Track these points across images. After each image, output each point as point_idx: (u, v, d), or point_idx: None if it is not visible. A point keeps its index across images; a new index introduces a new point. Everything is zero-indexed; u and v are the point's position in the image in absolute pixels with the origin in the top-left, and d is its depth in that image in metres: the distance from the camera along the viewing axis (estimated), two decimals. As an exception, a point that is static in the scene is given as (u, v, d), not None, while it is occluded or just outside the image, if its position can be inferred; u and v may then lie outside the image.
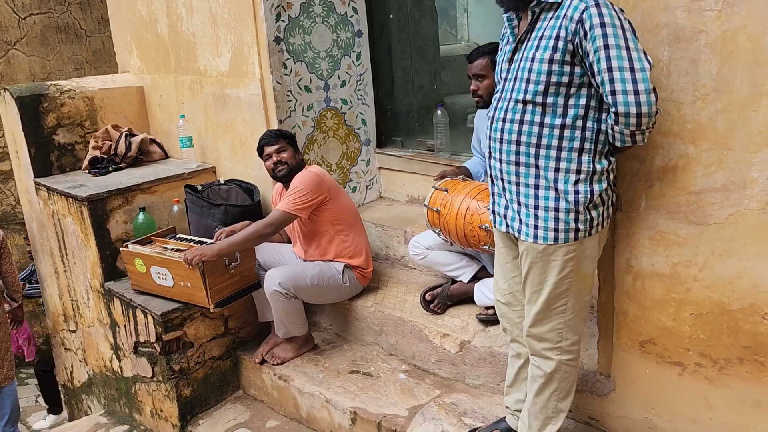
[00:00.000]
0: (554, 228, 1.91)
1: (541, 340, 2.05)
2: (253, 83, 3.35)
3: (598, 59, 1.74)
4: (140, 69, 4.17)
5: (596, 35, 1.73)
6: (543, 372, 2.08)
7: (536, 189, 1.91)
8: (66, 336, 4.17)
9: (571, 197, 1.87)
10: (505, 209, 2.02)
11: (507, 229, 2.03)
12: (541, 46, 1.82)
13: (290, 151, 3.04)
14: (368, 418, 2.67)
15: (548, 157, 1.87)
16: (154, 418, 3.36)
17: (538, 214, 1.92)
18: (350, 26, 3.60)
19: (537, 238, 1.93)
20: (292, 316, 3.04)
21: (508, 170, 1.95)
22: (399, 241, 3.45)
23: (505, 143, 1.93)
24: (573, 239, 1.91)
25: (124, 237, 3.45)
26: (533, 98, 1.85)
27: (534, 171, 1.90)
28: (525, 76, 1.86)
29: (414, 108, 3.97)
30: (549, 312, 2.00)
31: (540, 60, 1.82)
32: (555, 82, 1.82)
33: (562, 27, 1.79)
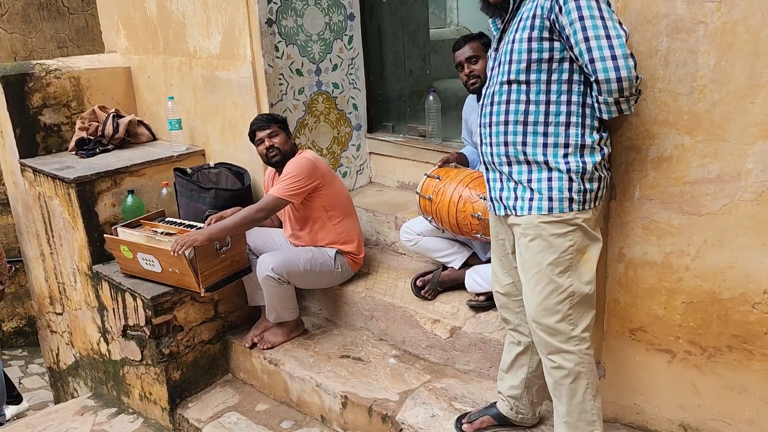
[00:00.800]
0: (548, 197, 1.90)
1: (553, 332, 1.96)
2: (244, 66, 3.31)
3: (574, 31, 1.76)
4: (127, 49, 4.10)
5: (570, 8, 1.75)
6: (567, 369, 1.97)
7: (528, 165, 1.92)
8: (52, 318, 4.13)
9: (563, 167, 1.88)
10: (500, 191, 2.02)
11: (505, 212, 2.01)
12: (520, 27, 1.86)
13: (282, 136, 3.02)
14: (359, 402, 2.69)
15: (536, 133, 1.89)
16: (142, 401, 3.36)
17: (532, 187, 1.92)
18: (342, 9, 3.56)
19: (532, 210, 1.92)
20: (284, 301, 3.04)
21: (498, 152, 1.97)
22: (390, 226, 3.45)
23: (494, 126, 1.96)
24: (567, 208, 1.89)
25: (113, 220, 3.41)
26: (516, 77, 1.88)
27: (522, 149, 1.91)
28: (507, 58, 1.89)
29: (405, 93, 3.95)
30: (554, 297, 1.93)
31: (520, 40, 1.85)
32: (536, 59, 1.84)
33: (538, 5, 1.82)
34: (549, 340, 1.97)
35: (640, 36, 1.92)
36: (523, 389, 2.28)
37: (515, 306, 2.20)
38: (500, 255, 2.19)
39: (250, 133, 3.06)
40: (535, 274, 1.95)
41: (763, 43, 1.72)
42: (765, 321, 1.89)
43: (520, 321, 2.22)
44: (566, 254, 1.91)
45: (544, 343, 1.99)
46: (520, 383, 2.28)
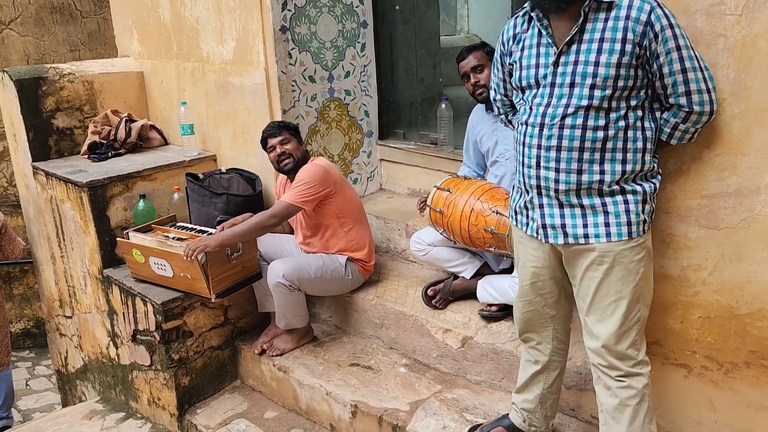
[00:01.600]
0: (627, 221, 1.84)
1: (624, 358, 1.91)
2: (258, 72, 3.31)
3: (671, 60, 1.75)
4: (141, 54, 4.12)
5: (668, 37, 1.73)
6: (635, 390, 1.91)
7: (600, 193, 1.85)
8: (61, 321, 4.13)
9: (638, 188, 1.85)
10: (562, 218, 1.90)
11: (565, 240, 1.91)
12: (605, 49, 1.76)
13: (294, 143, 3.02)
14: (369, 412, 2.67)
15: (614, 160, 1.82)
16: (151, 406, 3.35)
17: (607, 210, 1.85)
18: (356, 17, 3.57)
19: (611, 236, 1.84)
20: (294, 308, 3.03)
21: (567, 179, 1.85)
22: (400, 234, 3.44)
23: (565, 150, 1.84)
24: (643, 231, 1.86)
25: (124, 224, 3.42)
26: (600, 104, 1.78)
27: (599, 176, 1.83)
28: (588, 82, 1.78)
29: (417, 100, 3.95)
30: (628, 324, 1.88)
31: (607, 64, 1.76)
32: (622, 87, 1.78)
33: (628, 29, 1.74)
34: (620, 365, 1.92)
35: (658, 48, 1.90)
36: (537, 404, 2.26)
37: (542, 325, 2.16)
38: (531, 280, 2.11)
39: (262, 140, 3.06)
40: (613, 302, 1.88)
41: (784, 57, 1.71)
42: (783, 337, 1.87)
43: (542, 339, 2.19)
44: (640, 279, 1.88)
45: (615, 367, 1.92)
46: (535, 398, 2.26)
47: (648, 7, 1.73)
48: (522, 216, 2.04)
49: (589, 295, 1.92)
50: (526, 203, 1.99)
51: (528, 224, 2.01)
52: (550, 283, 2.08)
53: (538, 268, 2.06)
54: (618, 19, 1.75)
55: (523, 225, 2.03)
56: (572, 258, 1.95)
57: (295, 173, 3.00)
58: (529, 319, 2.17)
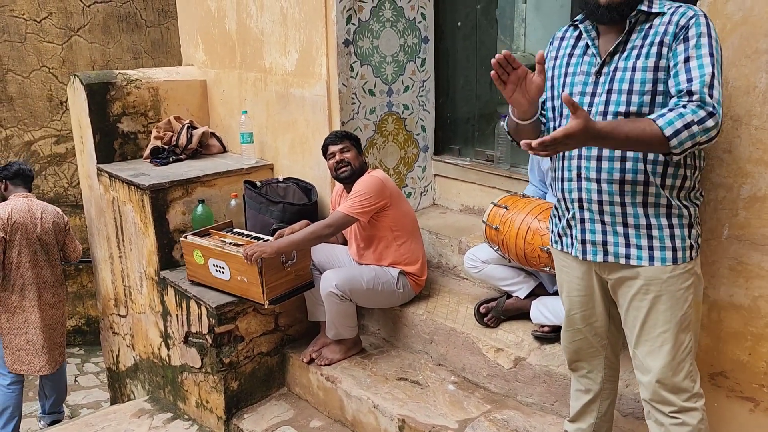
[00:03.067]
0: (672, 246, 1.78)
1: (679, 391, 1.84)
2: (319, 84, 3.36)
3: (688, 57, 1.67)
4: (204, 63, 4.23)
5: (701, 44, 1.68)
6: (690, 427, 1.84)
7: (645, 207, 1.79)
8: (115, 320, 4.24)
9: (684, 211, 1.78)
10: (603, 235, 1.85)
11: (605, 258, 1.86)
12: (643, 53, 1.75)
13: (354, 153, 3.05)
14: (417, 427, 2.65)
15: (654, 172, 1.76)
16: (198, 408, 3.40)
17: (652, 234, 1.79)
18: (417, 32, 3.59)
19: (654, 260, 1.79)
20: (344, 319, 3.04)
21: (610, 190, 1.79)
22: (453, 250, 3.42)
23: (606, 160, 1.79)
24: (690, 258, 1.79)
25: (182, 228, 3.50)
26: (638, 110, 1.74)
27: (642, 188, 1.77)
28: (626, 87, 1.76)
29: (473, 116, 3.94)
30: (680, 355, 1.82)
31: (643, 68, 1.73)
32: (661, 91, 1.73)
33: (667, 33, 1.72)
34: (673, 399, 1.84)
35: (737, 71, 1.86)
36: None
37: (592, 354, 2.10)
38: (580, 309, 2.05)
39: (324, 147, 3.10)
40: (662, 333, 1.82)
41: None
42: None
43: (592, 368, 2.13)
44: (689, 308, 1.81)
45: (668, 402, 1.85)
46: (589, 427, 2.20)
47: (691, 13, 1.71)
48: (566, 237, 1.97)
49: (637, 326, 1.86)
50: (568, 221, 1.94)
51: (572, 244, 1.95)
52: (599, 312, 2.02)
53: (586, 297, 2.01)
54: (660, 24, 1.74)
55: (568, 246, 1.97)
56: (617, 286, 1.89)
57: (351, 183, 3.03)
58: (578, 348, 2.12)
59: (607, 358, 2.11)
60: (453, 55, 3.79)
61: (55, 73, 6.57)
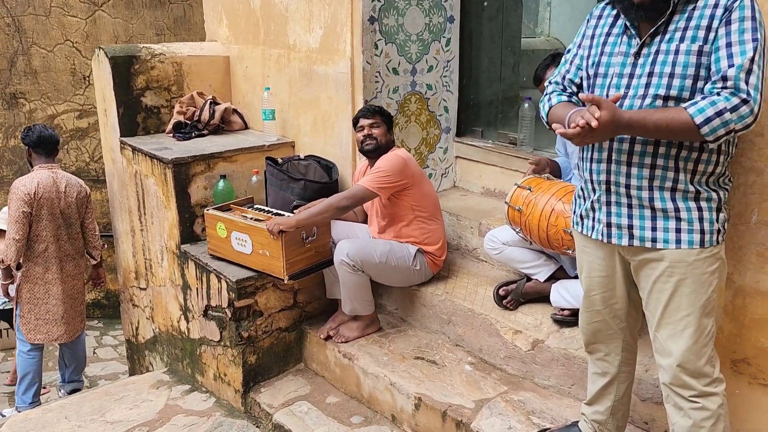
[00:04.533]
0: (700, 229, 1.76)
1: (699, 376, 1.83)
2: (343, 61, 3.35)
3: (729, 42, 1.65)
4: (228, 39, 4.22)
5: (744, 28, 1.65)
6: (711, 411, 1.83)
7: (673, 192, 1.77)
8: (135, 293, 4.29)
9: (713, 195, 1.77)
10: (629, 219, 1.84)
11: (630, 242, 1.85)
12: (687, 36, 1.71)
13: (383, 129, 3.05)
14: (433, 406, 2.67)
15: (688, 158, 1.74)
16: (216, 381, 3.44)
17: (680, 216, 1.77)
18: (443, 11, 3.56)
19: (681, 243, 1.77)
20: (358, 291, 3.04)
21: (639, 174, 1.79)
22: (473, 232, 3.41)
23: (638, 143, 1.77)
24: (716, 242, 1.78)
25: (203, 202, 3.52)
26: (679, 93, 1.72)
27: (672, 174, 1.76)
28: (668, 71, 1.73)
29: (497, 99, 3.91)
30: (701, 340, 1.81)
31: (687, 52, 1.71)
32: (703, 76, 1.70)
33: (715, 17, 1.69)
34: (694, 384, 1.83)
35: None
36: (608, 415, 2.20)
37: (610, 336, 2.10)
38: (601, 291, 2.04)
39: (355, 119, 3.12)
40: (686, 317, 1.81)
41: None
42: None
43: (610, 351, 2.13)
44: (713, 292, 1.81)
45: (688, 386, 1.84)
46: (606, 410, 2.20)
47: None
48: (588, 220, 1.96)
49: (659, 308, 1.85)
50: (593, 203, 1.92)
51: (594, 227, 1.94)
52: (620, 293, 2.01)
53: (607, 278, 2.00)
54: (706, 7, 1.70)
55: (589, 229, 1.96)
56: (640, 268, 1.88)
57: (375, 158, 3.03)
58: (597, 330, 2.11)
59: (625, 341, 2.10)
60: (478, 36, 3.75)
61: (78, 48, 6.61)
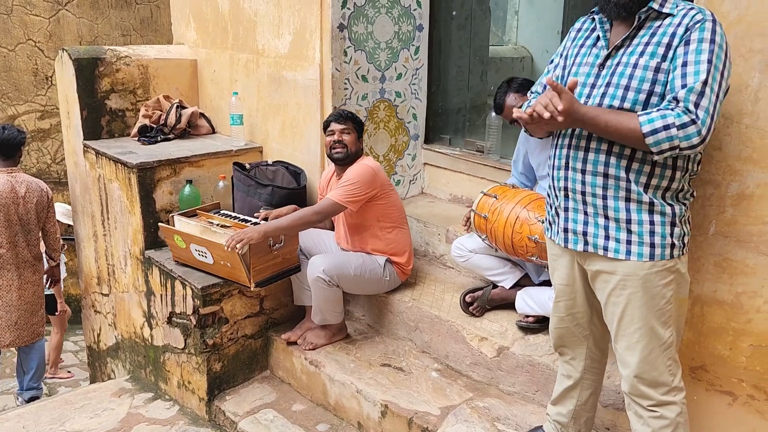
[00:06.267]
0: (650, 243, 1.78)
1: (657, 385, 1.86)
2: (312, 67, 3.34)
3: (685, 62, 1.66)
4: (196, 42, 4.18)
5: (701, 49, 1.66)
6: (669, 420, 1.86)
7: (627, 202, 1.79)
8: (97, 299, 4.20)
9: (667, 209, 1.78)
10: (585, 225, 1.87)
11: (585, 248, 1.88)
12: (647, 52, 1.74)
13: (353, 136, 3.04)
14: (399, 413, 2.67)
15: (640, 171, 1.77)
16: (180, 389, 3.39)
17: (631, 228, 1.79)
18: (412, 19, 3.58)
19: (631, 255, 1.79)
20: (331, 304, 3.05)
21: (594, 182, 1.82)
22: (440, 239, 3.43)
23: (593, 152, 1.80)
24: (669, 256, 1.79)
25: (169, 208, 3.47)
26: (632, 107, 1.74)
27: (624, 184, 1.78)
28: (624, 83, 1.76)
29: (465, 107, 3.95)
30: (657, 351, 1.83)
31: (645, 67, 1.73)
32: (657, 92, 1.72)
33: (675, 35, 1.71)
34: (652, 393, 1.87)
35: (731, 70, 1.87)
36: (570, 419, 2.24)
37: (575, 342, 2.14)
38: (563, 298, 2.08)
39: (326, 122, 3.09)
40: (638, 329, 1.83)
41: None
42: (839, 373, 1.83)
43: (576, 355, 2.16)
44: (668, 304, 1.82)
45: (646, 396, 1.87)
46: (568, 413, 2.24)
47: (700, 17, 1.70)
48: (554, 225, 2.01)
49: (614, 321, 1.89)
50: (556, 209, 1.96)
51: (557, 233, 1.98)
52: (580, 302, 2.05)
53: (568, 287, 2.04)
54: (670, 25, 1.73)
55: (555, 235, 2.00)
56: (595, 279, 1.92)
57: (343, 165, 3.03)
58: (562, 335, 2.16)
59: (589, 348, 2.14)
60: (446, 44, 3.79)
61: (41, 47, 6.48)
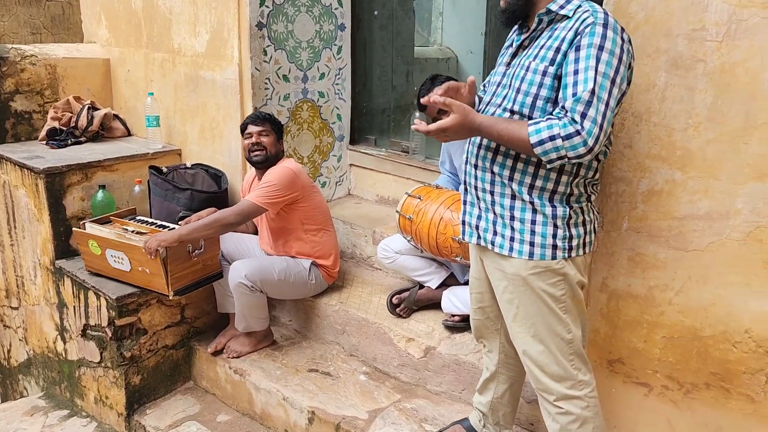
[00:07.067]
0: (530, 242, 1.79)
1: (561, 380, 1.87)
2: (231, 67, 3.24)
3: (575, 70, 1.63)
4: (108, 41, 3.99)
5: (590, 55, 1.62)
6: (575, 415, 1.88)
7: (512, 200, 1.81)
8: (6, 313, 3.95)
9: (548, 211, 1.78)
10: (478, 219, 1.91)
11: (478, 241, 1.92)
12: (539, 55, 1.73)
13: (272, 138, 2.96)
14: (327, 419, 2.62)
15: (525, 172, 1.77)
16: (97, 404, 3.22)
17: (513, 226, 1.81)
18: (334, 18, 3.54)
19: (513, 251, 1.82)
20: (254, 310, 2.96)
21: (483, 177, 1.85)
22: (367, 240, 3.41)
23: (483, 149, 1.84)
24: (551, 257, 1.79)
25: (81, 215, 3.29)
26: (520, 109, 1.75)
27: (509, 183, 1.80)
28: (516, 85, 1.77)
29: (390, 107, 3.93)
30: (557, 348, 1.85)
31: (534, 70, 1.73)
32: (544, 97, 1.71)
33: (566, 40, 1.69)
34: (557, 387, 1.88)
35: (638, 69, 1.92)
36: (488, 410, 2.27)
37: (490, 335, 2.16)
38: (473, 290, 2.12)
39: (243, 125, 3.00)
40: (532, 326, 1.86)
41: (760, 86, 1.74)
42: (744, 360, 1.90)
43: (492, 348, 2.19)
44: (561, 303, 1.82)
45: (550, 390, 1.89)
46: (487, 404, 2.27)
47: (591, 20, 1.65)
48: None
49: (509, 318, 1.92)
50: (465, 204, 2.00)
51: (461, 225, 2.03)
52: (488, 297, 2.07)
53: (478, 280, 2.08)
54: (564, 29, 1.70)
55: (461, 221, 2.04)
56: (491, 276, 1.95)
57: (264, 168, 2.95)
58: (477, 326, 2.19)
59: (502, 343, 2.15)
60: (370, 45, 3.76)
61: (-60, 46, 6.06)
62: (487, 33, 3.97)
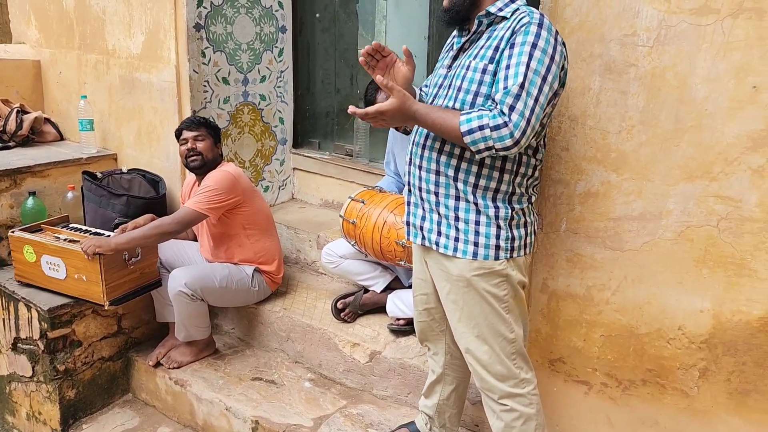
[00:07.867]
0: (474, 242, 1.80)
1: (504, 379, 1.89)
2: (168, 69, 3.16)
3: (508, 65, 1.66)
4: (38, 42, 3.84)
5: (522, 52, 1.65)
6: (518, 412, 1.91)
7: (456, 200, 1.82)
8: (-71, 328, 3.74)
9: (491, 212, 1.79)
10: (422, 220, 1.91)
11: (423, 242, 1.92)
12: (479, 54, 1.75)
13: (209, 143, 2.88)
14: (271, 428, 2.57)
15: (468, 171, 1.78)
16: (30, 421, 3.08)
17: (458, 226, 1.82)
18: (275, 21, 3.49)
19: (457, 251, 1.82)
20: (195, 319, 2.88)
21: (428, 178, 1.85)
22: (311, 245, 3.37)
23: (428, 150, 1.84)
24: (494, 257, 1.80)
25: (10, 223, 3.15)
26: (461, 107, 1.75)
27: (453, 183, 1.81)
28: (457, 84, 1.78)
29: (333, 110, 3.90)
30: (499, 347, 1.87)
31: (474, 69, 1.74)
32: (485, 94, 1.72)
33: (503, 39, 1.71)
34: (500, 386, 1.90)
35: (573, 74, 1.96)
36: (435, 412, 2.27)
37: (435, 337, 2.16)
38: (417, 292, 2.11)
39: (178, 131, 2.91)
40: (476, 326, 1.87)
41: (688, 90, 1.80)
42: (678, 356, 1.96)
43: (437, 350, 2.19)
44: (502, 303, 1.84)
45: (495, 389, 1.91)
46: (433, 406, 2.27)
47: (527, 20, 1.68)
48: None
49: (453, 319, 1.93)
50: (409, 205, 1.99)
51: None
52: (434, 299, 2.07)
53: (422, 281, 2.08)
54: (503, 29, 1.73)
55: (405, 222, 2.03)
56: (434, 277, 1.96)
57: (202, 174, 2.87)
58: (422, 329, 2.19)
59: (447, 344, 2.16)
60: (312, 47, 3.73)
61: None
62: (429, 37, 3.99)
